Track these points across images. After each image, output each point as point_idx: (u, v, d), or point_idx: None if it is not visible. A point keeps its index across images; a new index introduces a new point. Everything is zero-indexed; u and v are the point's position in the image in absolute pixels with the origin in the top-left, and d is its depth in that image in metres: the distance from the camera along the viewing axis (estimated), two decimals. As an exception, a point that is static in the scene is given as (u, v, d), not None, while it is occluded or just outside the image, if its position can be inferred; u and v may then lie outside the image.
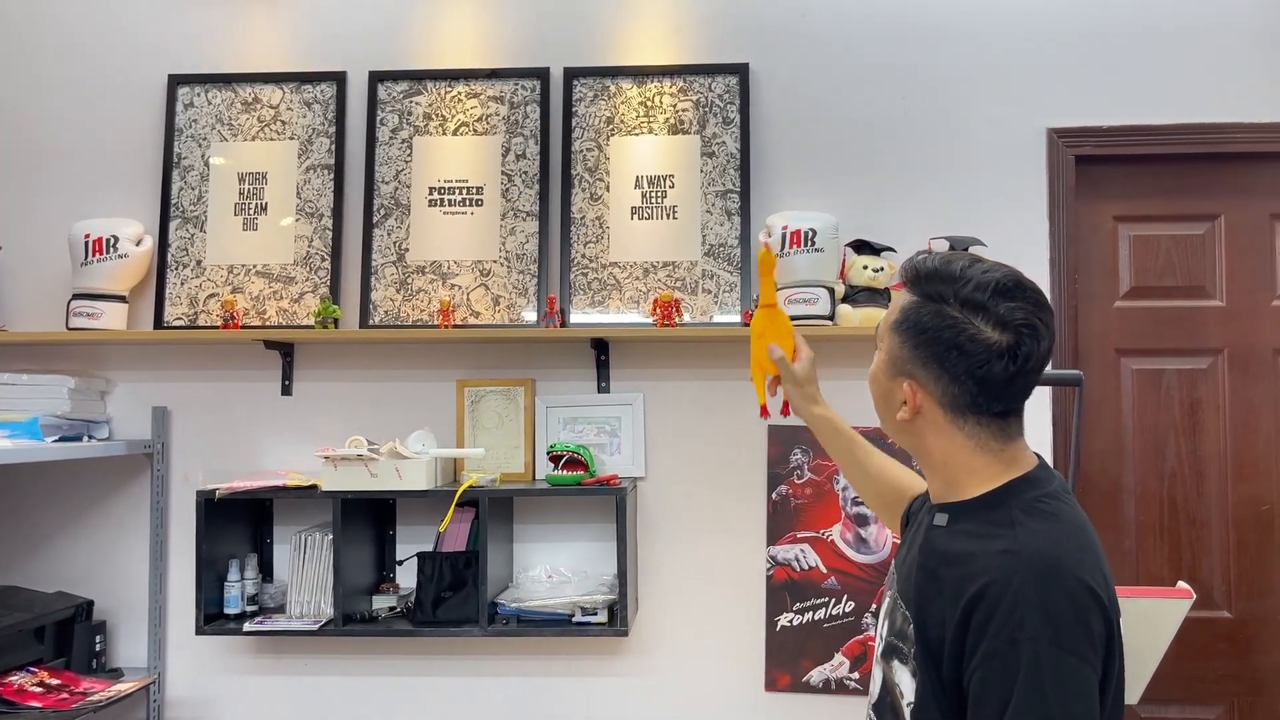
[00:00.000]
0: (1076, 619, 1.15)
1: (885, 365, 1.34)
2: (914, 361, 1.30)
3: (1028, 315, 1.24)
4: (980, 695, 1.15)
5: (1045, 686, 1.11)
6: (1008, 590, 1.15)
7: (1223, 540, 2.63)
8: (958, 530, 1.28)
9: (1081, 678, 1.13)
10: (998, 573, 1.17)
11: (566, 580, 2.56)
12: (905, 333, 1.31)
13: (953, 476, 1.32)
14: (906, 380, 1.31)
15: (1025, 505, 1.24)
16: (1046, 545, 1.19)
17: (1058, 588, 1.15)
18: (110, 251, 2.63)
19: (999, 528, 1.23)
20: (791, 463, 2.60)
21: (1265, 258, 2.65)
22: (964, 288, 1.26)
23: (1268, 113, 2.59)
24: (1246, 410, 2.64)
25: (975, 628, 1.16)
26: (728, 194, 2.63)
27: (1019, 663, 1.12)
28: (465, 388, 2.67)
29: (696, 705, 2.60)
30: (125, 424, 2.73)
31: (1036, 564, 1.17)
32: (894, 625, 1.32)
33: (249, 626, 2.47)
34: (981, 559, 1.20)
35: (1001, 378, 1.24)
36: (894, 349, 1.32)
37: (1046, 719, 1.11)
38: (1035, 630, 1.13)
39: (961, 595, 1.19)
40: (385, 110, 2.72)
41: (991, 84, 2.65)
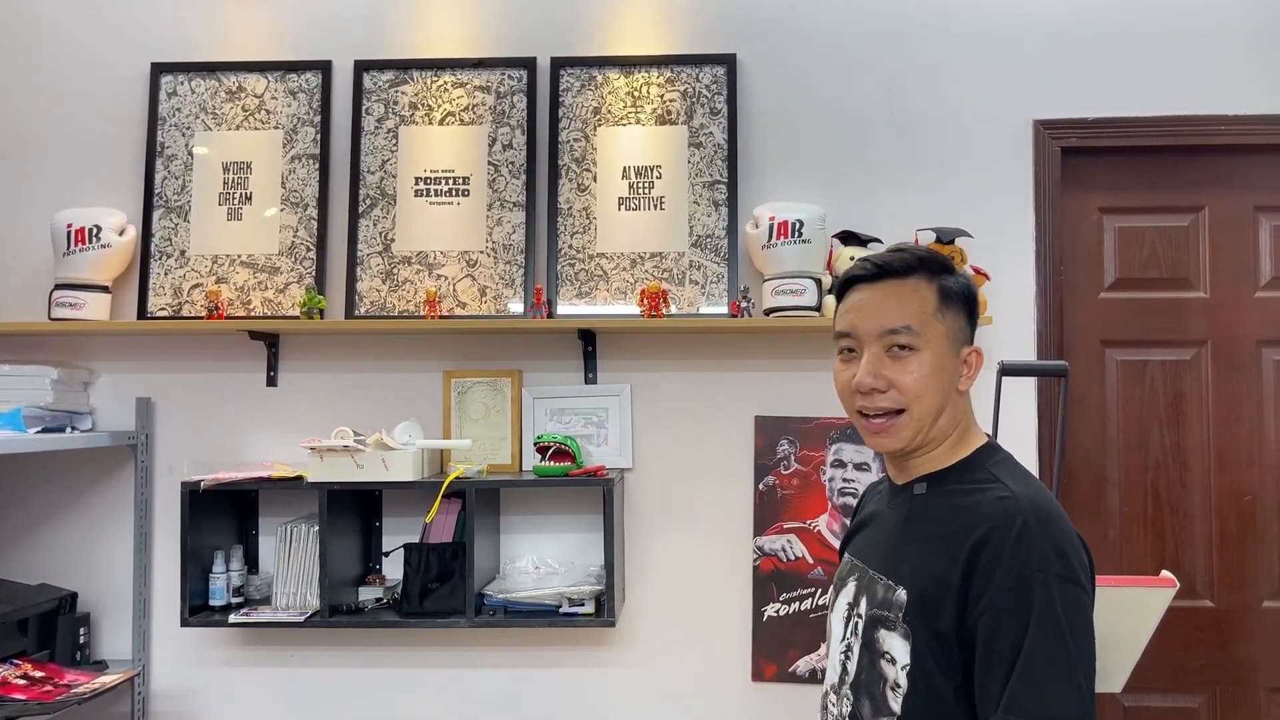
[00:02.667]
0: (1075, 555, 1.24)
1: (947, 347, 1.38)
2: (968, 328, 1.41)
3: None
4: (994, 631, 1.21)
5: (1059, 614, 1.19)
6: (1011, 531, 1.23)
7: (1205, 531, 2.65)
8: (943, 492, 1.37)
9: (1084, 608, 1.22)
10: (999, 518, 1.25)
11: (554, 571, 2.56)
12: (958, 303, 1.39)
13: (948, 444, 1.40)
14: (969, 350, 1.40)
15: (999, 463, 1.36)
16: (1034, 493, 1.29)
17: (1057, 527, 1.24)
18: (93, 241, 2.60)
19: (987, 483, 1.32)
20: (778, 453, 2.61)
21: (1248, 249, 2.67)
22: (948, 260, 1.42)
23: (1251, 105, 2.61)
24: (1229, 402, 2.66)
25: (981, 570, 1.23)
26: (715, 185, 2.63)
27: (1031, 595, 1.19)
28: (452, 379, 2.66)
29: (684, 695, 2.60)
30: (108, 415, 2.71)
31: (1035, 506, 1.25)
32: (875, 598, 1.37)
33: (234, 618, 2.46)
34: (979, 508, 1.28)
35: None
36: (951, 326, 1.38)
37: (1063, 644, 1.18)
38: (1042, 564, 1.20)
39: (963, 545, 1.26)
40: (371, 100, 2.71)
41: (978, 76, 2.66)
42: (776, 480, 2.61)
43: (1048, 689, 1.17)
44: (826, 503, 2.59)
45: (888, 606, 1.33)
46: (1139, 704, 2.63)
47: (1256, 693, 2.64)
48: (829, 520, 2.59)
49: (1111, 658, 1.84)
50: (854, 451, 2.58)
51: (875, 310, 1.37)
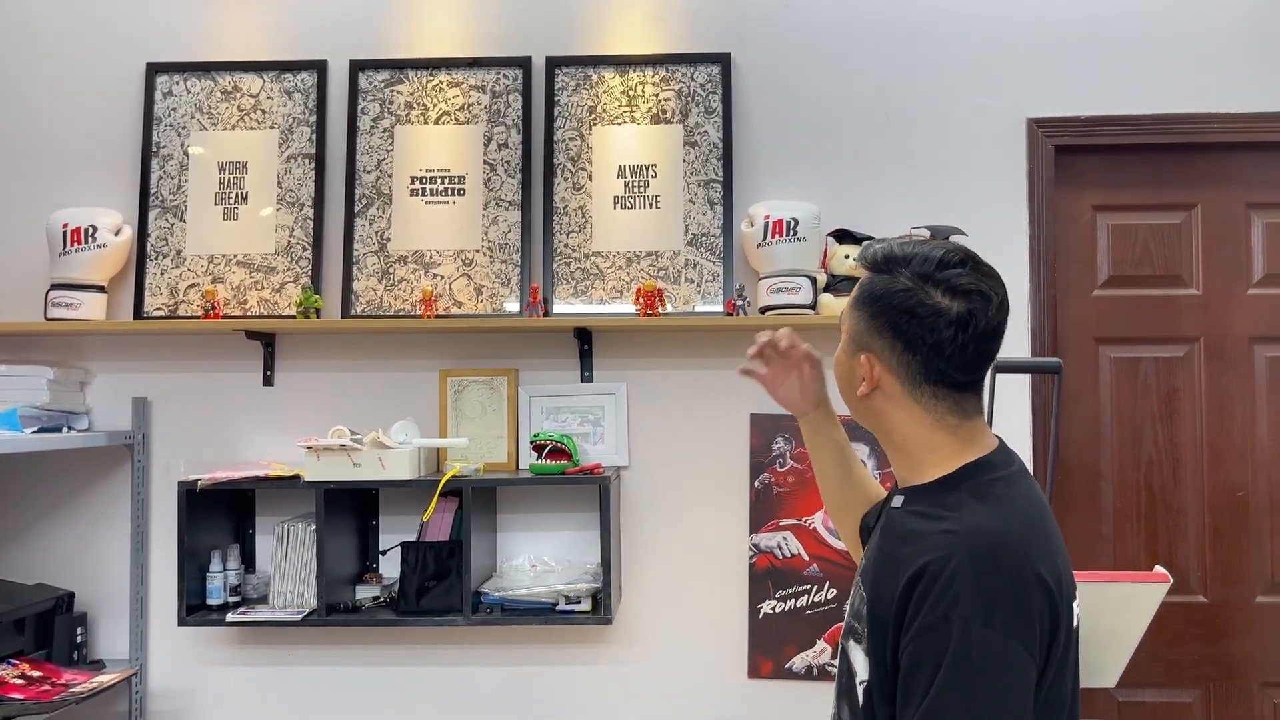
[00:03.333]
0: (1012, 601, 1.15)
1: (846, 344, 1.36)
2: (870, 333, 1.32)
3: (976, 282, 1.27)
4: (910, 670, 1.17)
5: (973, 664, 1.12)
6: (945, 568, 1.16)
7: (1198, 526, 2.67)
8: (910, 511, 1.30)
9: (1012, 659, 1.14)
10: (938, 551, 1.18)
11: (550, 569, 2.57)
12: (862, 306, 1.33)
13: (914, 456, 1.33)
14: (864, 354, 1.33)
15: (975, 488, 1.26)
16: (989, 526, 1.21)
17: (995, 569, 1.16)
18: (89, 241, 2.60)
19: (947, 510, 1.24)
20: (774, 451, 2.62)
21: (1241, 247, 2.69)
22: (914, 261, 1.29)
23: (1244, 103, 2.62)
24: (1222, 398, 2.68)
25: (913, 604, 1.18)
26: (710, 183, 2.64)
27: (949, 639, 1.13)
28: (448, 378, 2.67)
29: (681, 692, 2.61)
30: (105, 415, 2.72)
31: (976, 544, 1.18)
32: (853, 606, 1.35)
33: (232, 617, 2.46)
34: (927, 538, 1.22)
35: (953, 345, 1.26)
36: (853, 326, 1.35)
37: (971, 696, 1.12)
38: (968, 609, 1.14)
39: (904, 573, 1.20)
40: (366, 99, 2.71)
41: (972, 74, 2.67)
42: (772, 478, 2.62)
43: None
44: (822, 500, 2.60)
45: (858, 619, 1.30)
46: (1133, 699, 2.64)
47: (1250, 687, 2.66)
48: (824, 517, 2.60)
49: (1105, 653, 1.86)
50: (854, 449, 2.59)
51: None
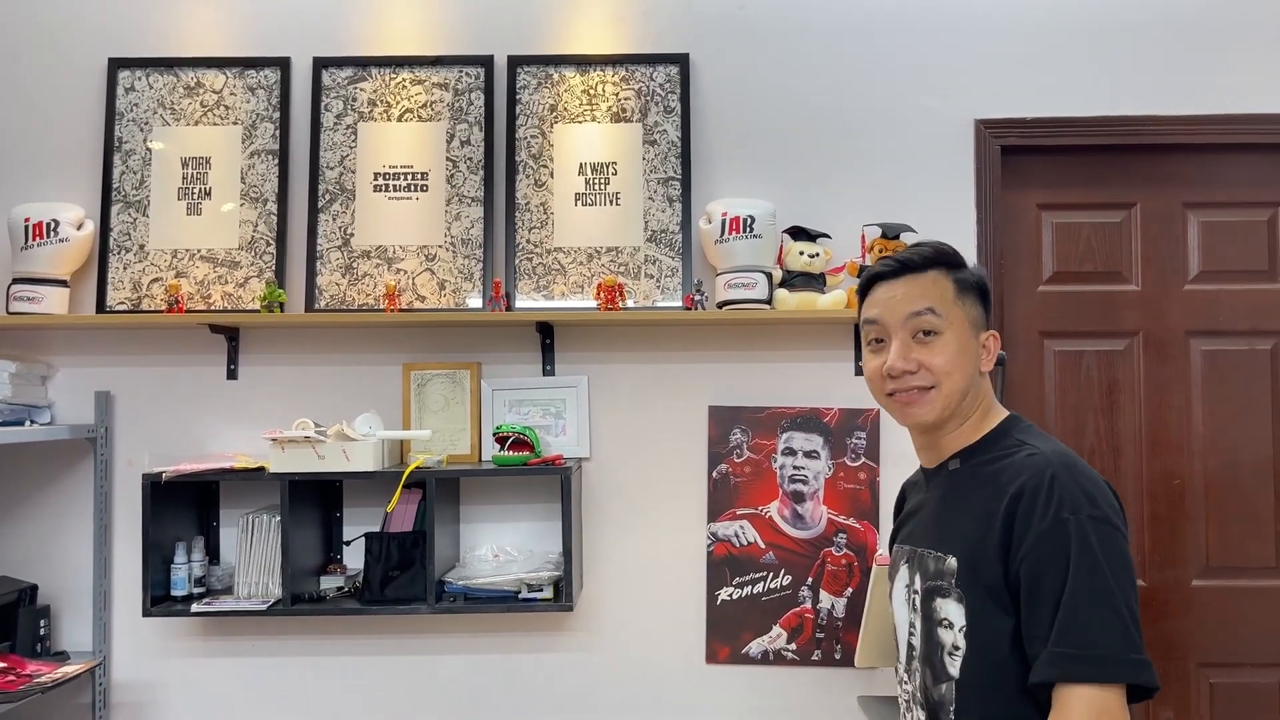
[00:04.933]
0: (1103, 498, 1.36)
1: (968, 331, 1.53)
2: (985, 315, 1.56)
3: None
4: (1037, 574, 1.33)
5: (1096, 550, 1.31)
6: (1043, 481, 1.36)
7: (1137, 513, 2.77)
8: (974, 464, 1.51)
9: (1119, 543, 1.34)
10: (1030, 472, 1.38)
11: (513, 559, 2.62)
12: (975, 292, 1.55)
13: (976, 422, 1.54)
14: (989, 334, 1.56)
15: (1023, 430, 1.51)
16: (1061, 449, 1.43)
17: (1083, 475, 1.38)
18: (51, 235, 2.61)
19: (1014, 447, 1.46)
20: (731, 442, 2.69)
21: (1178, 244, 2.79)
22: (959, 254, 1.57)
23: (1180, 106, 2.72)
24: (1160, 390, 2.78)
25: (1020, 519, 1.36)
26: (669, 181, 2.70)
27: (1068, 536, 1.32)
28: (411, 371, 2.70)
29: (641, 677, 2.68)
30: (67, 409, 2.73)
31: (1061, 459, 1.39)
32: (928, 572, 1.51)
33: (197, 608, 2.48)
34: (1011, 469, 1.42)
35: None
36: (971, 313, 1.54)
37: (1101, 578, 1.30)
38: (1074, 504, 1.33)
39: (1000, 503, 1.39)
40: (330, 96, 2.74)
41: (922, 76, 2.75)
42: (729, 468, 2.69)
43: (1091, 621, 1.29)
44: (778, 489, 2.68)
45: (940, 576, 1.46)
46: (1076, 679, 2.74)
47: (1188, 667, 2.77)
48: (780, 507, 2.68)
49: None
50: (804, 439, 2.67)
51: (901, 300, 1.52)
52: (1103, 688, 1.28)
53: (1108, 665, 1.28)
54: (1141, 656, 1.29)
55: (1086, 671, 1.28)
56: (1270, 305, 2.77)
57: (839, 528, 2.66)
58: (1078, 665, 1.28)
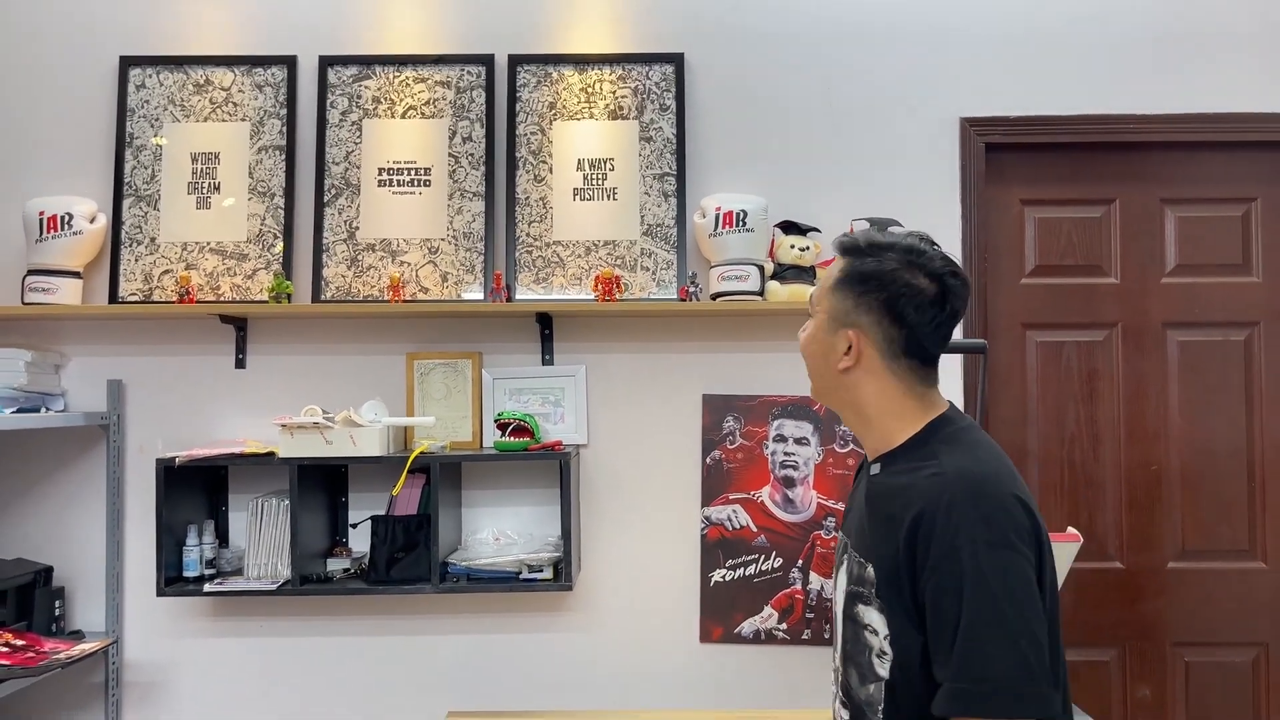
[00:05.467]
0: (1004, 520, 1.32)
1: (825, 323, 1.52)
2: (857, 310, 1.48)
3: (950, 264, 1.46)
4: (935, 601, 1.32)
5: (990, 581, 1.29)
6: (940, 505, 1.33)
7: (1116, 498, 2.88)
8: (892, 472, 1.46)
9: (1018, 568, 1.30)
10: (930, 494, 1.35)
11: (513, 542, 2.70)
12: (848, 286, 1.49)
13: (884, 425, 1.49)
14: (850, 330, 1.48)
15: (945, 438, 1.44)
16: (968, 464, 1.38)
17: (982, 496, 1.33)
18: (65, 228, 2.69)
19: (926, 460, 1.41)
20: (724, 429, 2.78)
21: (1155, 239, 2.89)
22: (897, 247, 1.47)
23: (1158, 106, 2.82)
24: (1138, 379, 2.88)
25: (921, 545, 1.34)
26: (665, 177, 2.79)
27: (962, 565, 1.30)
28: (414, 360, 2.79)
29: (637, 655, 2.77)
30: (80, 397, 2.81)
31: (962, 481, 1.35)
32: (852, 575, 1.49)
33: (209, 588, 2.57)
34: (914, 489, 1.38)
35: (932, 322, 1.45)
36: (835, 305, 1.50)
37: (996, 609, 1.28)
38: (970, 533, 1.30)
39: (904, 522, 1.36)
40: (335, 93, 2.82)
41: (910, 75, 2.84)
42: (722, 454, 2.78)
43: (988, 653, 1.27)
44: (769, 475, 2.77)
45: (861, 582, 1.45)
46: (1056, 658, 2.84)
47: (1163, 647, 2.87)
48: (771, 491, 2.77)
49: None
50: (794, 427, 2.76)
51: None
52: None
53: (1005, 701, 1.26)
54: (1039, 688, 1.26)
55: (984, 708, 1.26)
56: (1243, 298, 2.88)
57: (828, 511, 2.75)
58: (976, 702, 1.27)
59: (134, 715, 2.78)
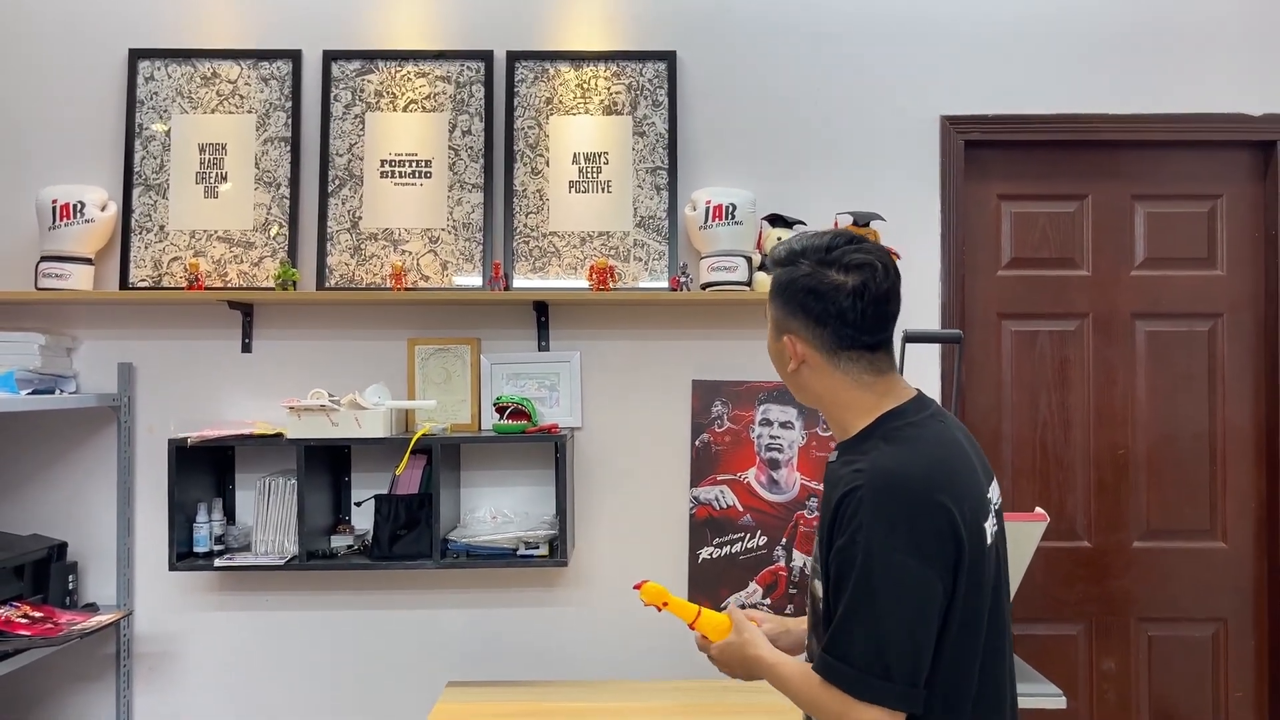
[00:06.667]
0: (911, 524, 1.39)
1: (771, 333, 1.63)
2: (787, 317, 1.56)
3: (864, 256, 1.51)
4: (834, 583, 1.44)
5: (875, 580, 1.38)
6: (853, 498, 1.42)
7: (1085, 480, 3.02)
8: (840, 461, 1.55)
9: (908, 572, 1.38)
10: (849, 485, 1.44)
11: (510, 520, 2.82)
12: (775, 296, 1.59)
13: (842, 416, 1.57)
14: (786, 335, 1.57)
15: (886, 433, 1.50)
16: (890, 463, 1.44)
17: (893, 497, 1.41)
18: (77, 216, 2.78)
19: (862, 454, 1.49)
20: (713, 413, 2.90)
21: (1125, 234, 3.02)
22: (809, 250, 1.54)
23: (1130, 105, 2.94)
24: (1107, 367, 3.02)
25: (835, 530, 1.45)
26: (657, 170, 2.90)
27: (855, 557, 1.40)
28: (415, 346, 2.90)
29: (628, 628, 2.90)
30: (91, 379, 2.90)
31: (878, 478, 1.42)
32: (814, 552, 1.61)
33: (220, 562, 2.68)
34: (843, 480, 1.47)
35: (855, 312, 1.50)
36: (774, 314, 1.60)
37: (872, 607, 1.38)
38: (869, 531, 1.39)
39: (830, 507, 1.48)
40: (339, 87, 2.92)
41: (893, 74, 2.95)
42: (710, 437, 2.91)
43: (854, 636, 1.39)
44: (755, 457, 2.90)
45: (816, 558, 1.56)
46: (1025, 632, 2.95)
47: (1127, 622, 3.02)
48: (756, 473, 2.90)
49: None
50: (779, 411, 2.89)
51: None
52: (846, 696, 1.40)
53: (854, 683, 1.39)
54: (893, 683, 1.37)
55: (837, 682, 1.41)
56: (1208, 290, 3.02)
57: (811, 492, 2.89)
58: (831, 673, 1.42)
59: (144, 685, 2.89)
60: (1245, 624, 3.01)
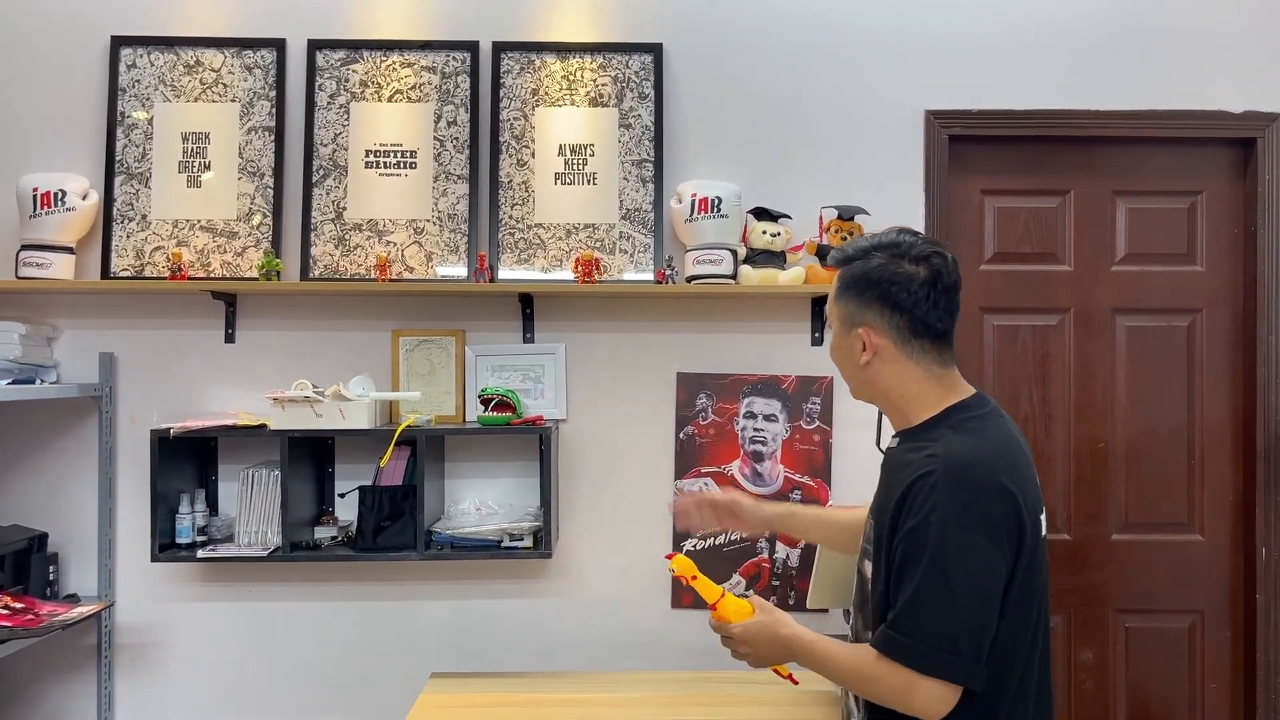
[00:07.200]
0: (979, 506, 1.48)
1: (840, 330, 1.69)
2: (862, 309, 1.64)
3: (934, 248, 1.64)
4: (901, 563, 1.51)
5: (949, 560, 1.46)
6: (927, 482, 1.50)
7: (1065, 473, 3.04)
8: (903, 448, 1.63)
9: (979, 551, 1.47)
10: (922, 471, 1.52)
11: (494, 512, 2.82)
12: (846, 290, 1.67)
13: (909, 408, 1.65)
14: (860, 328, 1.65)
15: (954, 424, 1.60)
16: (961, 450, 1.53)
17: (965, 481, 1.49)
18: (58, 205, 2.76)
19: (931, 441, 1.57)
20: (697, 406, 2.91)
21: (1106, 229, 3.05)
22: (880, 247, 1.65)
23: (1112, 102, 2.96)
24: (1088, 362, 3.04)
25: (904, 513, 1.52)
26: (643, 163, 2.90)
27: (928, 537, 1.48)
28: (400, 337, 2.89)
29: (612, 620, 2.91)
30: (72, 369, 2.88)
31: (950, 463, 1.51)
32: (866, 535, 1.70)
33: (203, 553, 2.67)
34: (914, 465, 1.55)
35: (929, 300, 1.61)
36: (842, 311, 1.68)
37: (946, 585, 1.46)
38: (944, 512, 1.47)
39: (898, 492, 1.55)
40: (323, 76, 2.90)
41: (878, 69, 2.96)
42: (695, 430, 2.92)
43: (925, 615, 1.47)
44: (739, 449, 2.91)
45: (869, 541, 1.65)
46: (1006, 624, 3.00)
47: (1106, 613, 3.05)
48: (740, 465, 2.91)
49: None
50: (763, 404, 2.90)
51: None
52: (910, 671, 1.47)
53: (923, 657, 1.46)
54: (961, 658, 1.45)
55: (904, 658, 1.48)
56: (1188, 286, 3.04)
57: (794, 485, 2.90)
58: (898, 650, 1.48)
59: (126, 676, 2.88)
60: (1221, 616, 3.05)
